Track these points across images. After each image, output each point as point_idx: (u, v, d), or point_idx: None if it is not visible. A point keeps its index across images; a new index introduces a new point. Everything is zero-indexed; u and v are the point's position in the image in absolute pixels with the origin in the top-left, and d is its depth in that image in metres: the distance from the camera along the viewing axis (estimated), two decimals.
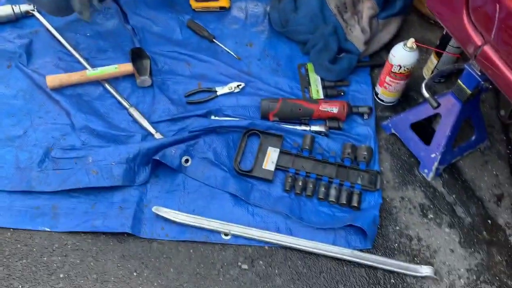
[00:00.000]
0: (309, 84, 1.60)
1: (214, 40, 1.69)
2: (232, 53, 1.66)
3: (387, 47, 1.63)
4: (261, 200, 1.34)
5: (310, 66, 1.63)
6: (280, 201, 1.34)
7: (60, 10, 1.42)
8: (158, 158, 1.34)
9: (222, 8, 1.77)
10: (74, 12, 1.44)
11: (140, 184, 1.35)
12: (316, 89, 1.58)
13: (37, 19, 1.68)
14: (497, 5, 0.92)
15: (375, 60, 1.66)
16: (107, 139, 1.43)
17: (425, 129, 1.45)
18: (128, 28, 1.69)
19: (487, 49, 1.01)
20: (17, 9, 1.67)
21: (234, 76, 1.60)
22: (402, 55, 1.37)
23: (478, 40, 1.02)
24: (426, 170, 1.41)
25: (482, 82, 1.18)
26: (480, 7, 0.99)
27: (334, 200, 1.33)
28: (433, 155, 1.37)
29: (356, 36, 1.61)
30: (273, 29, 1.72)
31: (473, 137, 1.44)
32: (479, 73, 1.17)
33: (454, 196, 1.39)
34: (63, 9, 1.42)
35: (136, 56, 1.56)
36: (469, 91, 1.22)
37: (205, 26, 1.72)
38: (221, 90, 1.56)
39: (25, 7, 1.68)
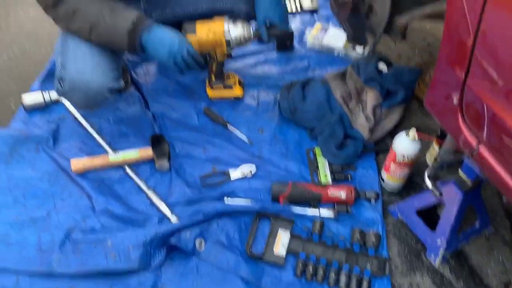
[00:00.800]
0: (317, 168, 1.68)
1: (228, 126, 1.81)
2: (244, 138, 1.77)
3: (391, 133, 1.74)
4: (272, 285, 1.37)
5: (318, 151, 1.73)
6: (291, 287, 1.37)
7: (88, 106, 1.57)
8: (173, 243, 1.39)
9: (236, 97, 1.91)
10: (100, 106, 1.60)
11: (155, 267, 1.40)
12: (324, 174, 1.66)
13: (65, 105, 1.83)
14: (485, 106, 1.00)
15: (379, 146, 1.75)
16: (125, 222, 1.49)
17: (430, 214, 1.50)
18: (148, 114, 1.83)
19: (482, 149, 1.08)
20: (47, 96, 1.82)
21: (246, 160, 1.69)
22: (404, 145, 1.46)
23: (473, 141, 1.10)
24: (432, 256, 1.44)
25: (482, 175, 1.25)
26: (471, 105, 1.06)
27: (344, 286, 1.36)
28: (438, 242, 1.41)
29: (361, 124, 1.71)
30: (283, 116, 1.84)
31: (477, 223, 1.48)
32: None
33: (461, 284, 1.41)
34: (91, 105, 1.57)
35: (156, 141, 1.67)
36: (470, 183, 1.28)
37: (220, 113, 1.85)
38: (234, 174, 1.65)
39: (55, 96, 1.83)
